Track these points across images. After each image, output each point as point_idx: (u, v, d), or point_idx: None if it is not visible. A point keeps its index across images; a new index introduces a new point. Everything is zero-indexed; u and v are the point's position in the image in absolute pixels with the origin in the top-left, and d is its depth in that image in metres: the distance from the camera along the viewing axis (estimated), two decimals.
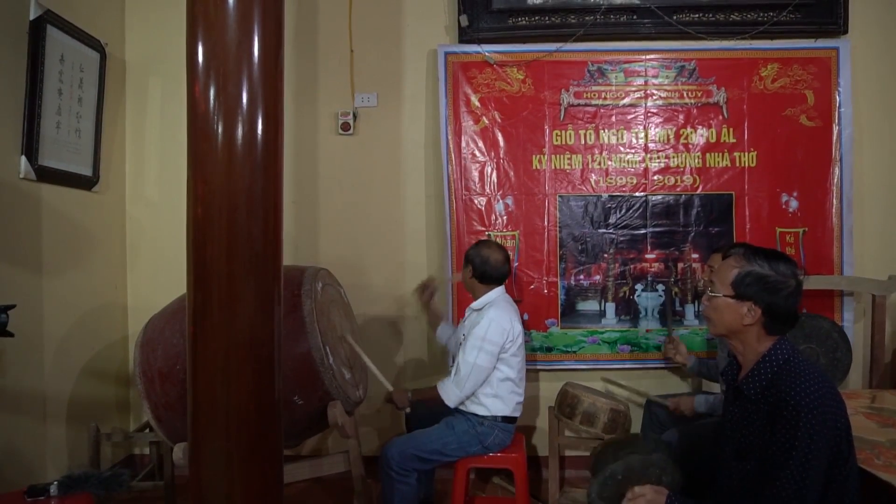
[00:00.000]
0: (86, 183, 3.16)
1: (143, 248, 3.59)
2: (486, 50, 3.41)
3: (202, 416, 1.93)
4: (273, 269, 1.96)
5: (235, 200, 1.84)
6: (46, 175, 2.83)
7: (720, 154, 3.41)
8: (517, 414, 2.77)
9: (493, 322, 2.66)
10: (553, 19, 3.40)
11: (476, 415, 2.69)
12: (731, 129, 3.40)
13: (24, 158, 2.68)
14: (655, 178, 3.42)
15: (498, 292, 2.82)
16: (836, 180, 3.37)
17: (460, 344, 2.76)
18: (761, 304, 1.64)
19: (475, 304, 2.81)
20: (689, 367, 3.02)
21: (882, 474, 1.68)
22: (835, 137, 3.37)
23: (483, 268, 2.80)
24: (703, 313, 1.78)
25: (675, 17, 3.37)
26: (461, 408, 2.73)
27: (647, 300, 3.42)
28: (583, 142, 3.44)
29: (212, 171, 1.81)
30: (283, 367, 2.04)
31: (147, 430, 3.24)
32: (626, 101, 3.43)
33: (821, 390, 1.53)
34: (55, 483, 2.11)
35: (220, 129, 1.81)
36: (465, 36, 3.42)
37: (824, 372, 1.62)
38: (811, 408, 1.50)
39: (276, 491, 2.03)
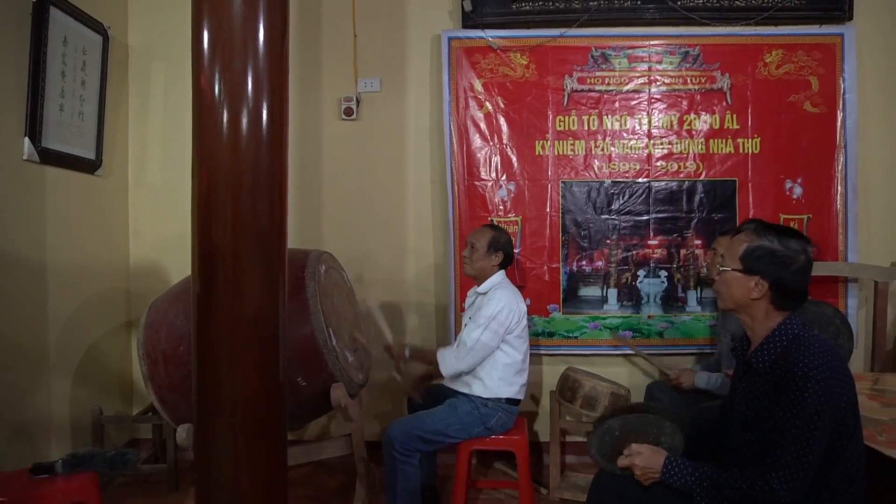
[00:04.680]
0: (89, 166, 3.16)
1: (146, 232, 3.59)
2: (490, 35, 3.40)
3: (207, 395, 1.93)
4: (278, 248, 1.96)
5: (240, 178, 1.84)
6: (50, 157, 2.82)
7: (724, 140, 3.40)
8: (521, 396, 2.78)
9: (503, 302, 2.67)
10: (557, 4, 3.38)
11: (480, 396, 2.69)
12: (734, 116, 3.39)
13: (27, 140, 2.68)
14: (658, 164, 3.42)
15: (503, 275, 2.83)
16: (840, 167, 3.36)
17: (465, 325, 2.76)
18: (769, 278, 1.65)
19: (481, 288, 2.81)
20: (698, 385, 2.82)
21: (885, 449, 1.69)
22: (839, 124, 3.36)
23: (511, 254, 2.88)
24: (714, 287, 1.80)
25: (679, 3, 3.35)
26: (465, 390, 2.73)
27: (650, 286, 3.42)
28: (586, 127, 3.43)
29: (217, 150, 1.81)
30: (286, 349, 2.04)
31: (150, 414, 3.25)
32: (630, 86, 3.42)
33: (829, 363, 1.54)
34: (60, 461, 2.12)
35: (224, 107, 1.81)
36: (468, 21, 3.40)
37: (834, 347, 1.62)
38: (818, 380, 1.51)
39: (281, 471, 2.04)
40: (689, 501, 1.66)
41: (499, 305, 2.66)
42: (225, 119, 1.80)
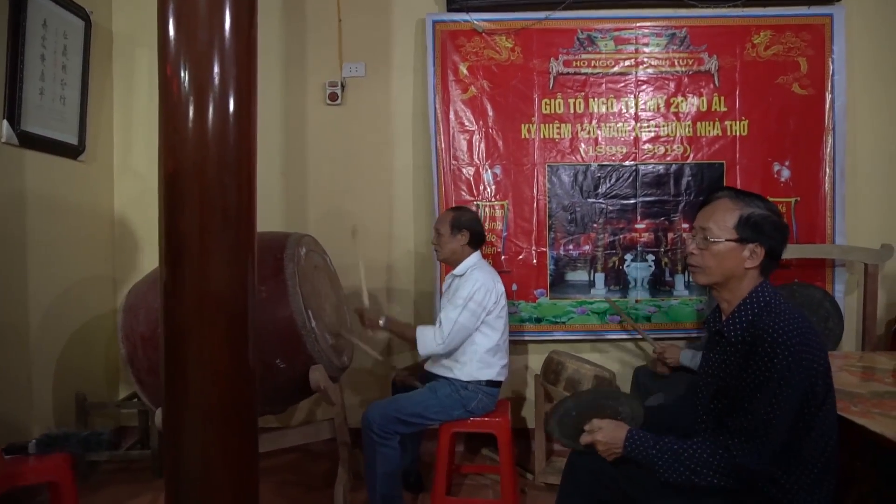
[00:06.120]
0: (71, 151, 3.15)
1: (131, 219, 3.58)
2: (475, 18, 3.37)
3: (175, 374, 1.90)
4: (247, 225, 1.93)
5: (206, 154, 1.81)
6: (29, 141, 2.82)
7: (711, 123, 3.36)
8: (502, 378, 2.75)
9: (479, 283, 2.64)
10: None
11: (459, 379, 2.67)
12: (722, 98, 3.36)
13: (5, 122, 2.68)
14: (646, 147, 3.38)
15: (478, 256, 2.81)
16: (828, 149, 3.32)
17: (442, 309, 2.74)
18: (766, 244, 1.61)
19: (457, 271, 2.78)
20: (682, 362, 2.83)
21: (857, 419, 1.66)
22: (828, 106, 3.32)
23: (480, 231, 2.83)
24: (696, 262, 1.70)
25: None
26: (446, 374, 2.71)
27: (637, 270, 3.39)
28: (572, 111, 3.40)
29: (181, 121, 1.78)
30: (265, 331, 2.02)
31: (135, 400, 3.24)
32: (616, 69, 3.39)
33: (799, 329, 1.51)
34: (33, 441, 2.11)
35: (190, 82, 1.78)
36: (453, 4, 3.38)
37: (805, 314, 1.59)
38: (788, 345, 1.48)
39: (251, 450, 2.01)
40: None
41: (475, 285, 2.63)
42: (191, 94, 1.77)
